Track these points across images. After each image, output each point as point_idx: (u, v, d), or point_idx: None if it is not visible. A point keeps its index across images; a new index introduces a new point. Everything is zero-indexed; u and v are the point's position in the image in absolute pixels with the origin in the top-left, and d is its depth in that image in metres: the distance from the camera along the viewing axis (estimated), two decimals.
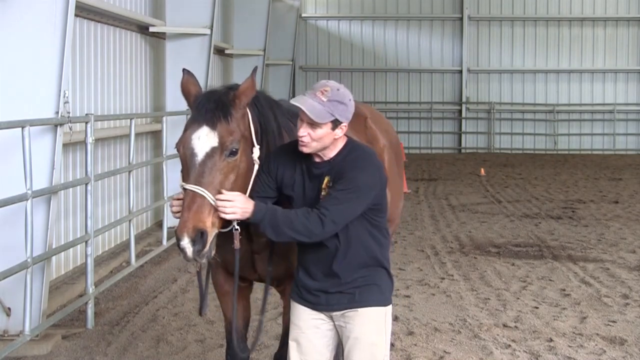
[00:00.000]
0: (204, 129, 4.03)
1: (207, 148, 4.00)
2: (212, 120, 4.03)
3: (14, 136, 6.81)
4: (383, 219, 4.19)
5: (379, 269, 4.18)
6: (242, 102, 4.14)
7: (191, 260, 4.00)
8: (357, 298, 4.14)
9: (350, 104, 4.06)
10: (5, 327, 7.22)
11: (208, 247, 3.99)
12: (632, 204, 16.46)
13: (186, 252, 3.94)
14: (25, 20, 7.10)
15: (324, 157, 4.12)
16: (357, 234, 4.10)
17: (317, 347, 4.23)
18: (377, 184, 4.07)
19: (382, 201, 4.16)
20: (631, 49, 30.58)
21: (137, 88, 12.71)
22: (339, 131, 4.05)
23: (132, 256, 9.47)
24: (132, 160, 9.37)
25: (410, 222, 14.04)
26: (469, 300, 8.76)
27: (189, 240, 3.91)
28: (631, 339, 7.42)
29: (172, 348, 7.19)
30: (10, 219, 7.00)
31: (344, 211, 3.97)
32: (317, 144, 4.03)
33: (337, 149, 4.11)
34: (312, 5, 31.17)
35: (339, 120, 4.01)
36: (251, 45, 21.05)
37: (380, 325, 4.20)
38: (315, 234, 3.96)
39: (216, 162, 4.01)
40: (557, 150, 30.25)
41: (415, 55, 30.88)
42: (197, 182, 3.97)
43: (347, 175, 4.01)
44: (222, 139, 4.02)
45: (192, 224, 3.92)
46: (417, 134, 30.77)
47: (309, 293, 4.21)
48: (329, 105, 3.98)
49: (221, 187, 4.01)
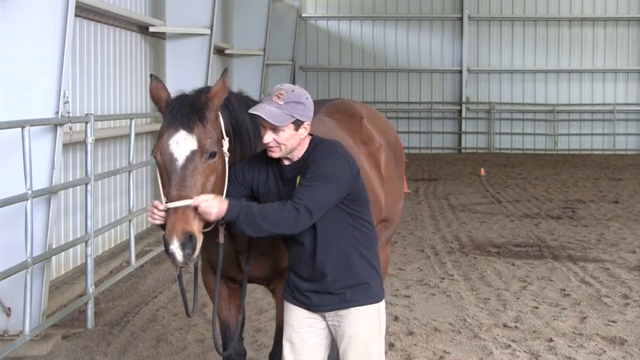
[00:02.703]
0: (181, 133, 4.02)
1: (186, 152, 4.00)
2: (188, 123, 4.03)
3: (14, 136, 6.81)
4: (363, 211, 4.18)
5: (366, 265, 4.17)
6: (215, 104, 4.16)
7: (181, 265, 3.97)
8: (349, 297, 4.14)
9: (308, 102, 4.10)
10: (5, 327, 7.22)
11: (198, 251, 3.98)
12: (632, 204, 16.46)
13: (176, 256, 3.92)
14: (25, 20, 7.10)
15: (292, 159, 4.17)
16: (335, 227, 4.10)
17: (311, 346, 4.24)
18: (345, 171, 4.07)
19: (357, 190, 4.15)
20: (631, 49, 30.58)
21: (137, 88, 12.71)
22: (302, 131, 4.10)
23: (132, 256, 9.46)
24: (132, 160, 9.36)
25: (410, 222, 14.04)
26: (469, 300, 8.76)
27: (179, 245, 3.90)
28: (631, 339, 7.41)
29: (172, 348, 7.19)
30: (10, 219, 7.00)
31: (316, 197, 3.98)
32: (285, 147, 4.09)
33: (304, 148, 4.16)
34: (312, 5, 31.17)
35: (300, 120, 4.06)
36: (251, 45, 21.06)
37: (373, 323, 4.20)
38: (291, 223, 3.97)
39: (197, 165, 4.01)
40: (557, 150, 30.26)
41: (415, 55, 30.89)
42: (179, 186, 3.97)
43: (312, 165, 4.07)
44: (200, 141, 4.03)
45: (180, 227, 3.91)
46: (417, 134, 30.77)
47: (300, 294, 4.22)
48: (286, 108, 4.03)
49: (203, 189, 4.02)
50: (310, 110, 4.12)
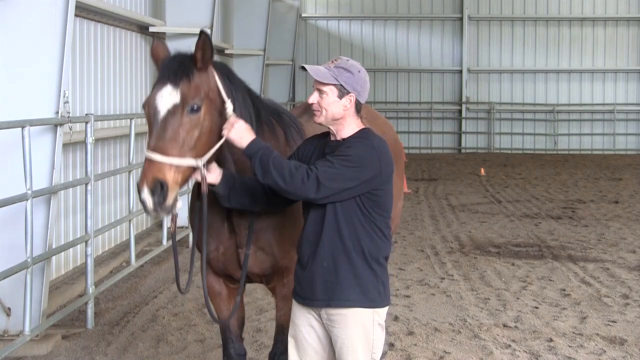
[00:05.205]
0: (167, 88, 4.11)
1: (168, 105, 4.07)
2: (174, 79, 4.11)
3: (14, 136, 6.81)
4: (380, 219, 4.10)
5: (367, 269, 4.07)
6: (204, 57, 4.18)
7: (152, 214, 4.00)
8: (338, 295, 4.05)
9: (359, 75, 4.12)
10: (5, 327, 7.22)
11: (170, 201, 3.99)
12: (632, 204, 16.46)
13: (146, 203, 3.96)
14: (25, 20, 7.10)
15: (337, 136, 4.17)
16: (346, 222, 4.04)
17: (313, 345, 4.22)
18: (372, 164, 4.03)
19: (381, 194, 4.09)
20: (631, 49, 30.58)
21: (137, 88, 12.72)
22: (346, 101, 4.09)
23: (132, 256, 9.46)
24: (132, 160, 9.37)
25: (410, 222, 14.04)
26: (469, 300, 8.76)
27: (148, 191, 3.94)
28: (631, 339, 7.42)
29: (172, 348, 7.19)
30: (10, 219, 7.00)
31: (331, 173, 3.96)
32: (326, 113, 4.10)
33: (350, 129, 4.14)
34: (312, 5, 31.18)
35: (345, 87, 4.08)
36: (251, 45, 21.06)
37: (367, 328, 4.09)
38: (296, 184, 3.96)
39: (177, 118, 4.06)
40: (557, 150, 30.25)
41: (415, 55, 30.89)
42: (158, 137, 4.02)
43: (343, 146, 4.09)
44: (183, 95, 4.08)
45: (151, 175, 3.96)
46: (417, 134, 30.77)
47: (299, 284, 4.19)
48: (334, 70, 4.09)
49: (183, 142, 4.05)
50: (358, 83, 4.12)
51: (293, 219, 4.56)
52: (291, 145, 4.70)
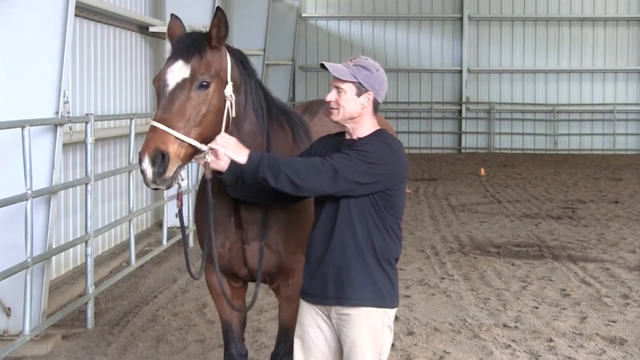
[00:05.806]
0: (178, 63, 4.12)
1: (178, 79, 4.07)
2: (186, 54, 4.13)
3: (14, 136, 6.81)
4: (392, 220, 4.10)
5: (378, 267, 4.06)
6: (219, 34, 4.24)
7: (150, 185, 3.95)
8: (349, 294, 4.03)
9: (377, 74, 4.14)
10: (5, 327, 7.22)
11: (170, 173, 3.94)
12: (632, 204, 16.46)
13: (146, 173, 3.91)
14: (25, 20, 7.10)
15: (352, 135, 4.17)
16: (358, 219, 4.03)
17: (319, 347, 4.18)
18: (390, 164, 4.04)
19: (395, 195, 4.10)
20: (631, 49, 30.59)
21: (137, 88, 12.71)
22: (364, 99, 4.10)
23: (132, 256, 9.46)
24: (132, 160, 9.36)
25: (410, 222, 14.04)
26: (469, 300, 8.76)
27: (149, 161, 3.90)
28: (631, 339, 7.42)
29: (172, 348, 7.19)
30: (10, 219, 7.00)
31: (347, 164, 3.96)
32: (343, 110, 4.10)
33: (366, 128, 4.15)
34: (312, 5, 31.18)
35: (363, 85, 4.09)
36: (251, 45, 21.05)
37: (376, 329, 4.09)
38: (312, 174, 3.94)
39: (185, 92, 4.06)
40: (557, 150, 30.26)
41: (415, 55, 30.90)
42: (165, 109, 4.02)
43: (360, 142, 4.09)
44: (193, 70, 4.09)
45: (153, 144, 3.92)
46: (417, 134, 30.78)
47: (309, 282, 4.15)
48: (353, 68, 4.10)
49: (189, 117, 4.03)
50: (376, 82, 4.13)
51: (300, 218, 4.54)
52: (298, 145, 4.68)
